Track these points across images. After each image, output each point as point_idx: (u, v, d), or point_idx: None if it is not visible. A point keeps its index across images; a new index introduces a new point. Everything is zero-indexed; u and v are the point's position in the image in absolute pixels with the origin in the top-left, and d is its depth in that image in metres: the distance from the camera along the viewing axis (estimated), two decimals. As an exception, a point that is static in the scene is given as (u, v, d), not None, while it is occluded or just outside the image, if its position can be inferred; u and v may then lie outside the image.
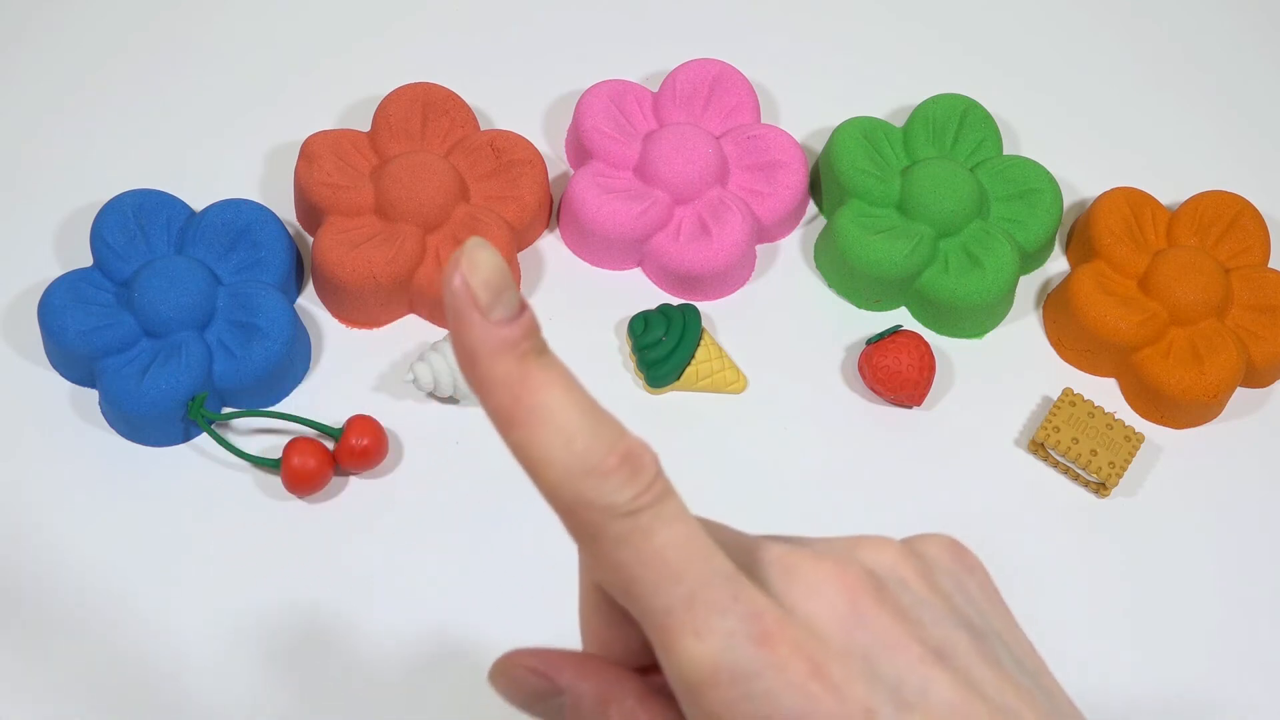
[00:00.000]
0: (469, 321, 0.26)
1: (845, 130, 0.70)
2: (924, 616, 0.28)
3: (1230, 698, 0.61)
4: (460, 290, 0.25)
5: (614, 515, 0.25)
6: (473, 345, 0.26)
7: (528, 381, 0.26)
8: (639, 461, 0.26)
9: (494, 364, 0.26)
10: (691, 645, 0.25)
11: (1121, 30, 0.80)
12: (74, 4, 0.74)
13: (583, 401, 0.26)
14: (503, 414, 0.26)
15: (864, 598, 0.27)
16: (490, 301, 0.25)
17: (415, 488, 0.62)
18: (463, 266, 0.25)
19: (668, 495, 0.26)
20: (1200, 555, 0.64)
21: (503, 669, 0.30)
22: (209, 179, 0.68)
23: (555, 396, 0.26)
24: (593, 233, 0.66)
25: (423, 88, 0.68)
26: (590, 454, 0.25)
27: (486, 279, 0.25)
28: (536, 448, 0.26)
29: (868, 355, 0.65)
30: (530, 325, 0.26)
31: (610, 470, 0.25)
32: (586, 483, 0.25)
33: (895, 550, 0.29)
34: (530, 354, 0.26)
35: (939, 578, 0.29)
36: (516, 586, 0.60)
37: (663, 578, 0.26)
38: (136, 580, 0.59)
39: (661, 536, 0.26)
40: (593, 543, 0.26)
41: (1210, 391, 0.65)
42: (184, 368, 0.60)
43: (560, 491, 0.26)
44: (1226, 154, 0.75)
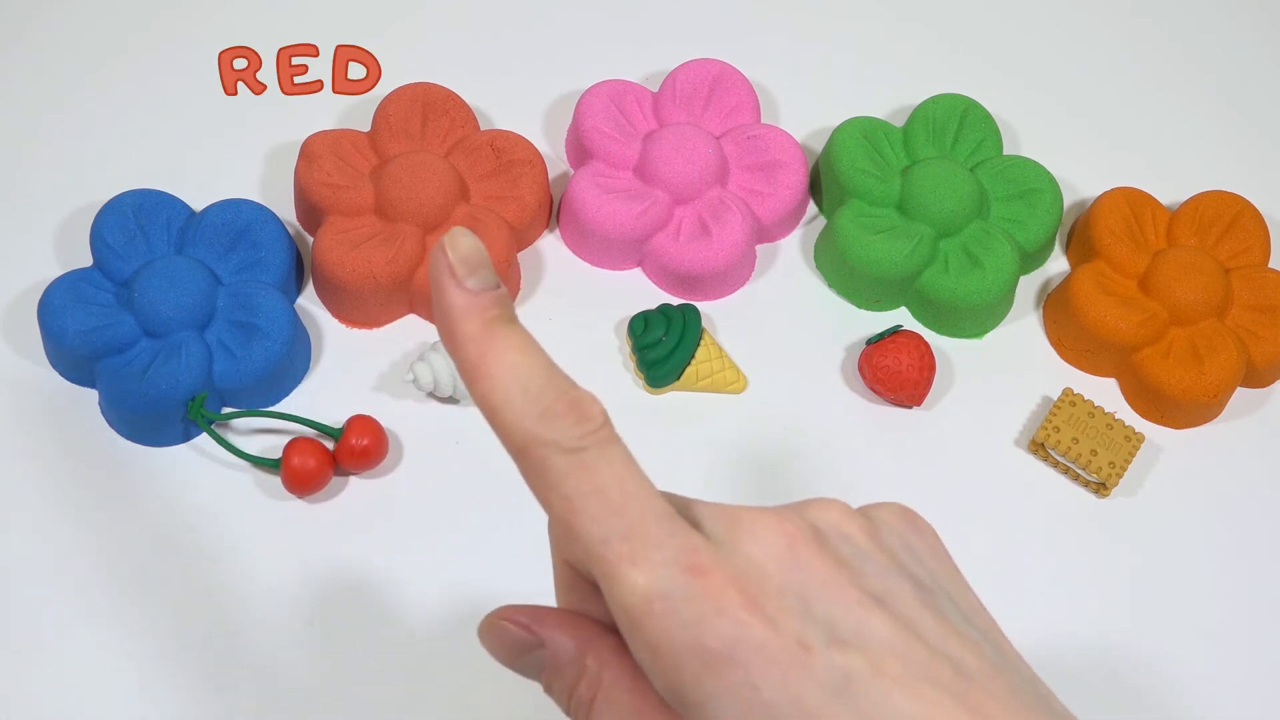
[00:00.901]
0: (445, 286, 0.29)
1: (845, 130, 0.70)
2: (865, 567, 0.28)
3: (1231, 697, 0.61)
4: (441, 261, 0.29)
5: (559, 450, 0.28)
6: (446, 305, 0.29)
7: (493, 340, 0.29)
8: (587, 408, 0.28)
9: (463, 322, 0.29)
10: (628, 573, 0.27)
11: (1121, 30, 0.80)
12: (74, 4, 0.74)
13: (541, 360, 0.29)
14: (468, 367, 0.29)
15: (803, 544, 0.28)
16: (465, 272, 0.29)
17: (415, 488, 0.62)
18: (445, 245, 0.29)
19: (613, 441, 0.29)
20: (1200, 555, 0.64)
21: (490, 623, 0.32)
22: (209, 179, 0.68)
23: (515, 352, 0.29)
24: (593, 233, 0.66)
25: (423, 88, 0.68)
26: (542, 398, 0.28)
27: (463, 255, 0.29)
28: (495, 395, 0.28)
29: (868, 355, 0.65)
30: (500, 298, 0.29)
31: (559, 413, 0.28)
32: (538, 423, 0.28)
33: (841, 508, 0.30)
34: (497, 320, 0.29)
35: (885, 535, 0.30)
36: (516, 586, 0.60)
37: (603, 511, 0.27)
38: (136, 580, 0.59)
39: (603, 473, 0.28)
40: (541, 478, 0.28)
41: (1210, 391, 0.65)
42: (184, 368, 0.60)
43: (514, 431, 0.28)
44: (1226, 154, 0.75)
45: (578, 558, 0.30)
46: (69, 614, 0.58)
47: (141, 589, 0.59)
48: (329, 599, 0.59)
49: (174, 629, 0.58)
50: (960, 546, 0.63)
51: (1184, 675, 0.61)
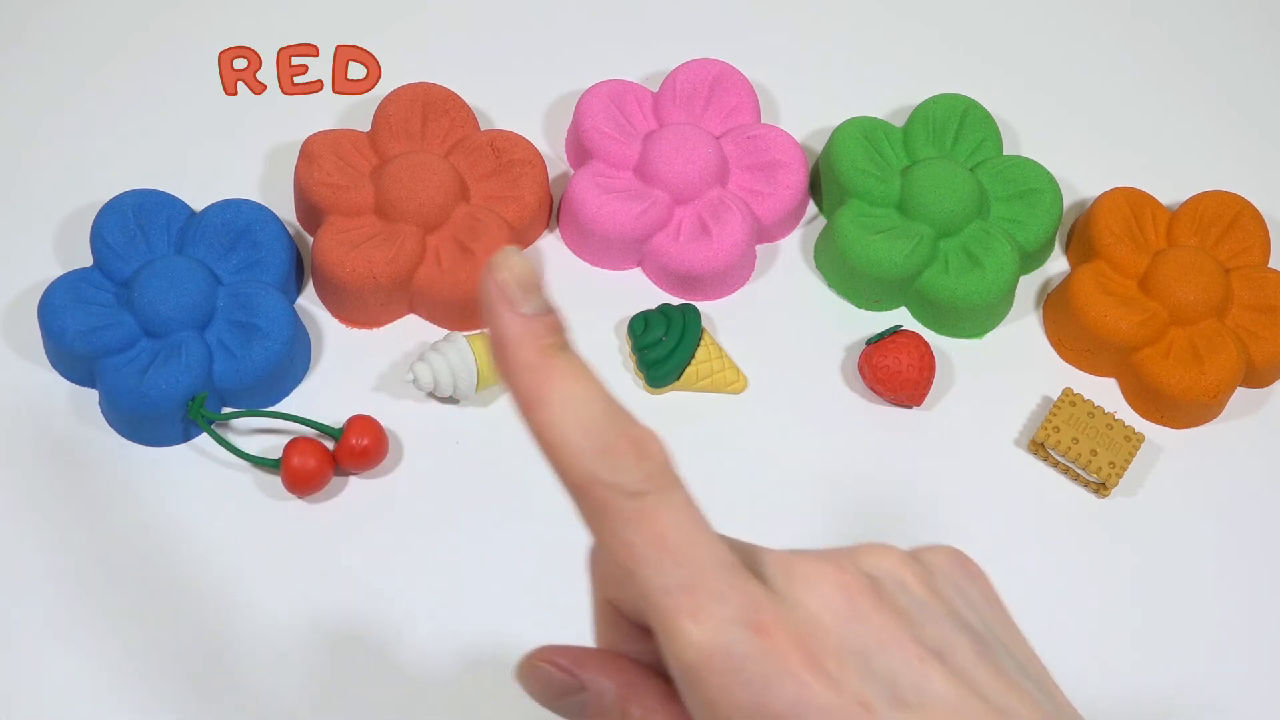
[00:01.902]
0: (499, 312, 0.28)
1: (845, 130, 0.70)
2: (923, 617, 0.28)
3: (1231, 697, 0.61)
4: (494, 286, 0.28)
5: (622, 493, 0.27)
6: (501, 333, 0.28)
7: (550, 369, 0.28)
8: (648, 447, 0.27)
9: (519, 351, 0.28)
10: (689, 629, 0.26)
11: (1121, 30, 0.80)
12: (74, 4, 0.74)
13: (599, 391, 0.28)
14: (524, 397, 0.28)
15: (861, 596, 0.27)
16: (519, 297, 0.28)
17: (415, 488, 0.62)
18: (497, 266, 0.28)
19: (675, 484, 0.27)
20: (1200, 555, 0.64)
21: (530, 664, 0.32)
22: (209, 179, 0.68)
23: (573, 384, 0.27)
24: (593, 233, 0.66)
25: (423, 88, 0.68)
26: (603, 435, 0.27)
27: (518, 277, 0.28)
28: (553, 429, 0.27)
29: (868, 355, 0.65)
30: (555, 324, 0.28)
31: (620, 451, 0.27)
32: (598, 462, 0.27)
33: (896, 556, 0.29)
34: (553, 347, 0.28)
35: (940, 583, 0.29)
36: (516, 586, 0.60)
37: (665, 559, 0.26)
38: (136, 580, 0.59)
39: (666, 519, 0.27)
40: (601, 520, 0.27)
41: (1210, 391, 0.65)
42: (184, 368, 0.60)
43: (573, 469, 0.27)
44: (1226, 154, 0.75)
45: (628, 600, 0.30)
46: (69, 614, 0.58)
47: (141, 589, 0.59)
48: (329, 599, 0.59)
49: (174, 629, 0.58)
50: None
51: (1184, 675, 0.61)
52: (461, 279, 0.63)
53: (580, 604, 0.61)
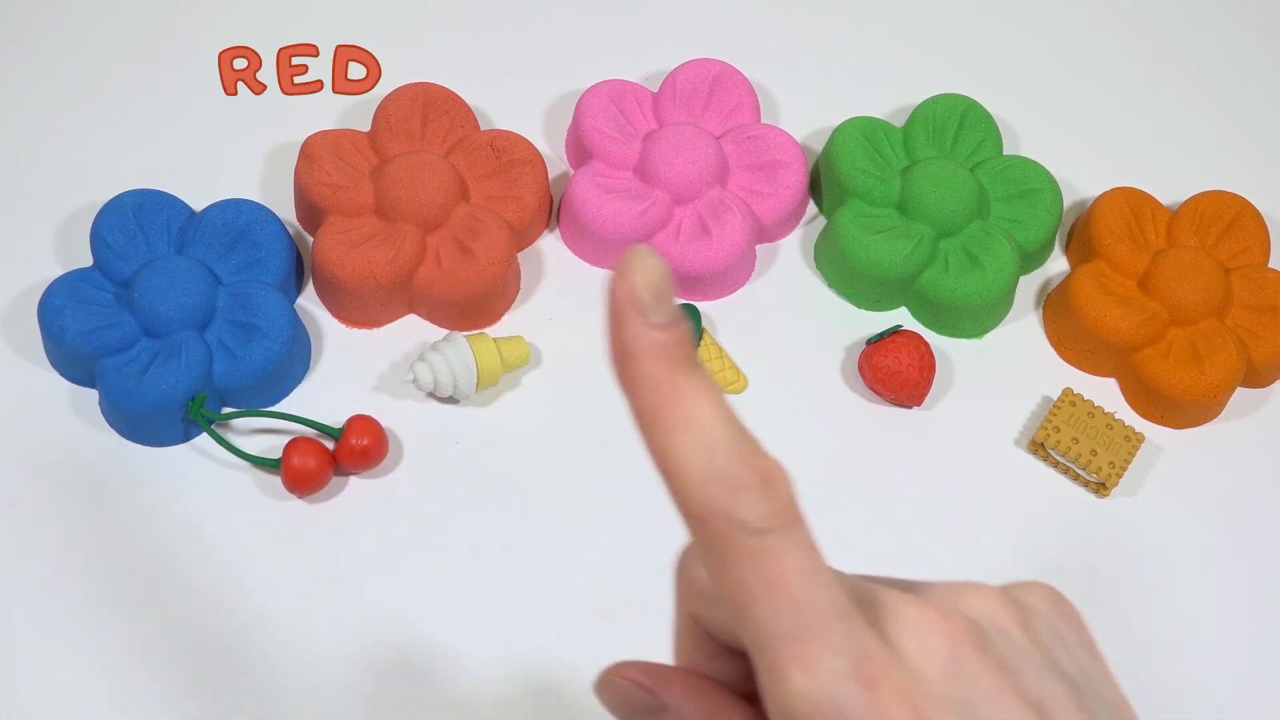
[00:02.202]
0: (627, 320, 0.26)
1: (845, 130, 0.70)
2: (1023, 667, 0.28)
3: (1231, 697, 0.61)
4: (624, 291, 0.26)
5: (745, 530, 0.26)
6: (627, 343, 0.26)
7: (677, 387, 0.26)
8: (775, 482, 0.26)
9: (646, 364, 0.26)
10: (798, 677, 0.25)
11: (1121, 30, 0.80)
12: (74, 4, 0.74)
13: (727, 416, 0.26)
14: (648, 415, 0.26)
15: (965, 646, 0.27)
16: (651, 304, 0.26)
17: (415, 488, 0.62)
18: (628, 269, 0.26)
19: (799, 523, 0.26)
20: (1200, 555, 0.64)
21: (609, 680, 0.30)
22: (209, 179, 0.68)
23: (701, 405, 0.26)
24: (593, 233, 0.66)
25: (423, 88, 0.68)
26: (730, 466, 0.26)
27: (650, 283, 0.26)
28: (677, 452, 0.26)
29: (868, 355, 0.65)
30: (685, 336, 0.26)
31: (747, 484, 0.26)
32: (722, 493, 0.25)
33: (995, 598, 0.29)
34: (681, 362, 0.26)
35: (1038, 627, 0.29)
36: (516, 586, 0.60)
37: (781, 603, 0.26)
38: (135, 580, 0.59)
39: (787, 561, 0.26)
40: (719, 555, 0.26)
41: (1210, 391, 0.65)
42: (184, 368, 0.60)
43: (695, 498, 0.26)
44: (1226, 154, 0.75)
45: (719, 619, 0.29)
46: (69, 614, 0.58)
47: (141, 589, 0.59)
48: (329, 599, 0.59)
49: (174, 629, 0.58)
50: (960, 546, 0.63)
51: (1184, 675, 0.61)
52: (461, 279, 0.63)
53: (577, 605, 0.61)
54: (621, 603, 0.60)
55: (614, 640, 0.60)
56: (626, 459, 0.65)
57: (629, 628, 0.60)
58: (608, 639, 0.59)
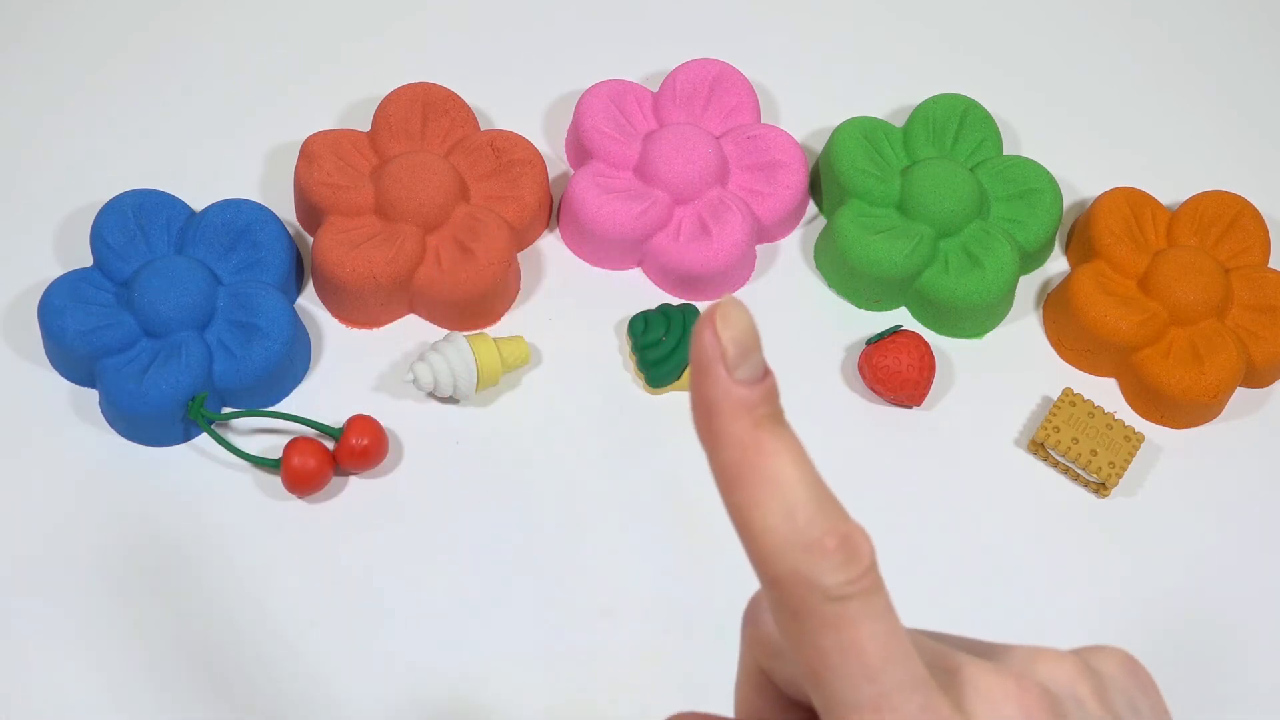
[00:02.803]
0: (713, 375, 0.26)
1: (845, 130, 0.70)
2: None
3: (1231, 697, 0.61)
4: (710, 343, 0.26)
5: (824, 597, 0.25)
6: (713, 399, 0.26)
7: (760, 445, 0.26)
8: (857, 547, 0.25)
9: (730, 421, 0.26)
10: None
11: (1121, 30, 0.80)
12: (74, 4, 0.74)
13: (811, 477, 0.26)
14: (729, 472, 0.26)
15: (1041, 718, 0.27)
16: (737, 359, 0.26)
17: (415, 488, 0.62)
18: (716, 320, 0.26)
19: (879, 589, 0.26)
20: (1200, 555, 0.64)
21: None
22: (209, 179, 0.68)
23: (785, 465, 0.26)
24: (593, 233, 0.66)
25: (423, 88, 0.68)
26: (811, 529, 0.25)
27: (737, 337, 0.26)
28: (758, 512, 0.25)
29: (868, 355, 0.65)
30: (771, 392, 0.26)
31: (829, 550, 0.25)
32: (803, 557, 0.25)
33: (1072, 667, 0.29)
34: (767, 419, 0.26)
35: (1114, 697, 0.29)
36: (516, 586, 0.60)
37: (858, 672, 0.25)
38: (136, 580, 0.59)
39: (866, 629, 0.25)
40: (795, 620, 0.26)
41: (1210, 391, 0.65)
42: (184, 368, 0.60)
43: (774, 561, 0.25)
44: (1226, 154, 0.75)
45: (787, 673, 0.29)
46: (69, 614, 0.58)
47: (141, 589, 0.59)
48: (329, 599, 0.59)
49: (174, 629, 0.58)
50: (960, 546, 0.63)
51: (1183, 675, 0.61)
52: (461, 279, 0.63)
53: (577, 605, 0.61)
54: (621, 602, 0.60)
55: (614, 640, 0.60)
56: (627, 459, 0.65)
57: (629, 628, 0.60)
58: (608, 639, 0.59)
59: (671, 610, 0.60)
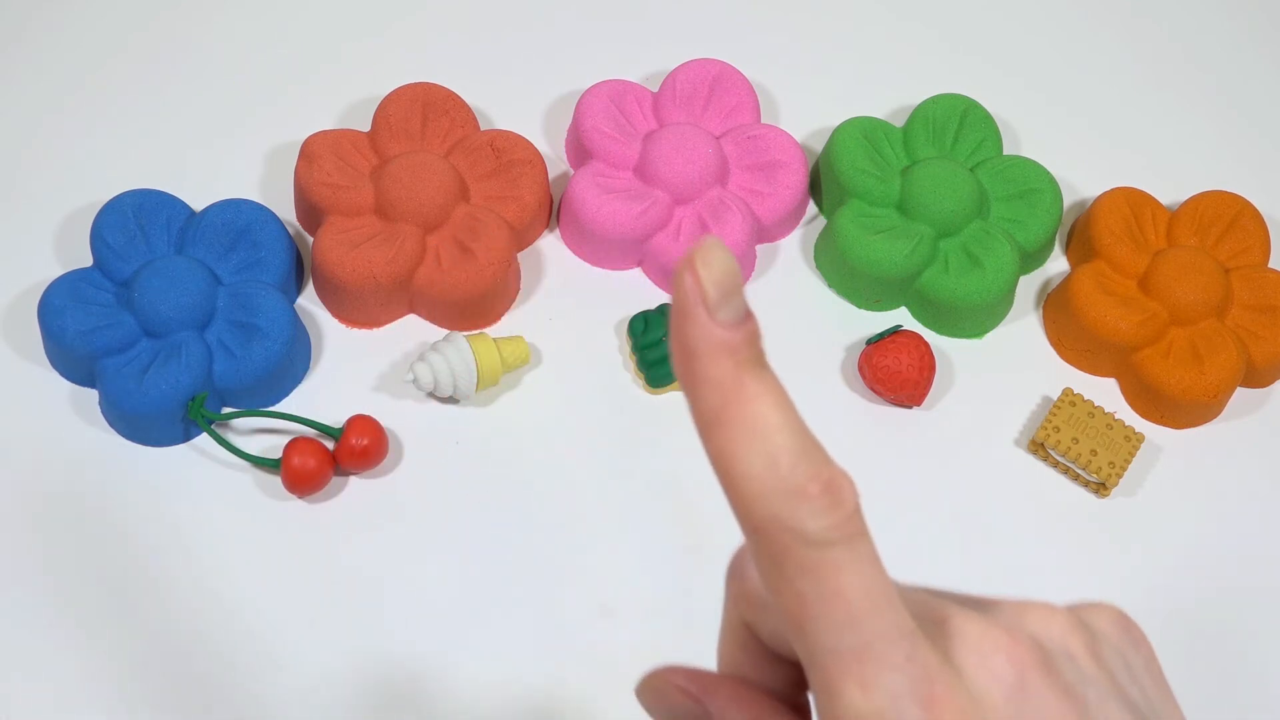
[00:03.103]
0: (693, 317, 0.25)
1: (845, 130, 0.70)
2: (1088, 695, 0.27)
3: (1231, 697, 0.61)
4: (690, 286, 0.25)
5: (806, 542, 0.24)
6: (692, 341, 0.25)
7: (742, 388, 0.25)
8: (840, 493, 0.25)
9: (711, 364, 0.25)
10: (855, 696, 0.25)
11: (1121, 30, 0.80)
12: (74, 4, 0.74)
13: (794, 421, 0.25)
14: (709, 416, 0.25)
15: (1031, 671, 0.26)
16: (718, 300, 0.25)
17: (415, 488, 0.62)
18: (696, 262, 0.25)
19: (862, 535, 0.25)
20: (1200, 555, 0.64)
21: (653, 685, 0.30)
22: (209, 179, 0.68)
23: (767, 409, 0.25)
24: (593, 233, 0.66)
25: (423, 88, 0.68)
26: (794, 474, 0.24)
27: (718, 279, 0.25)
28: (739, 458, 0.25)
29: (868, 355, 0.65)
30: (753, 334, 0.25)
31: (811, 495, 0.24)
32: (784, 503, 0.24)
33: (1064, 621, 0.28)
34: (749, 362, 0.25)
35: (1106, 653, 0.29)
36: (516, 585, 0.60)
37: (841, 618, 0.25)
38: (136, 580, 0.59)
39: (848, 575, 0.25)
40: (777, 567, 0.25)
41: (1210, 391, 0.65)
42: (184, 368, 0.60)
43: (755, 507, 0.25)
44: (1226, 154, 0.75)
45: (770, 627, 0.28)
46: (68, 614, 0.58)
47: (141, 589, 0.59)
48: (329, 599, 0.59)
49: (174, 629, 0.58)
50: (960, 546, 0.63)
51: (1183, 675, 0.61)
52: (461, 279, 0.63)
53: (577, 605, 0.61)
54: (621, 602, 0.60)
55: (614, 640, 0.60)
56: (627, 459, 0.65)
57: (629, 627, 0.60)
58: (608, 639, 0.59)
59: (671, 610, 0.60)
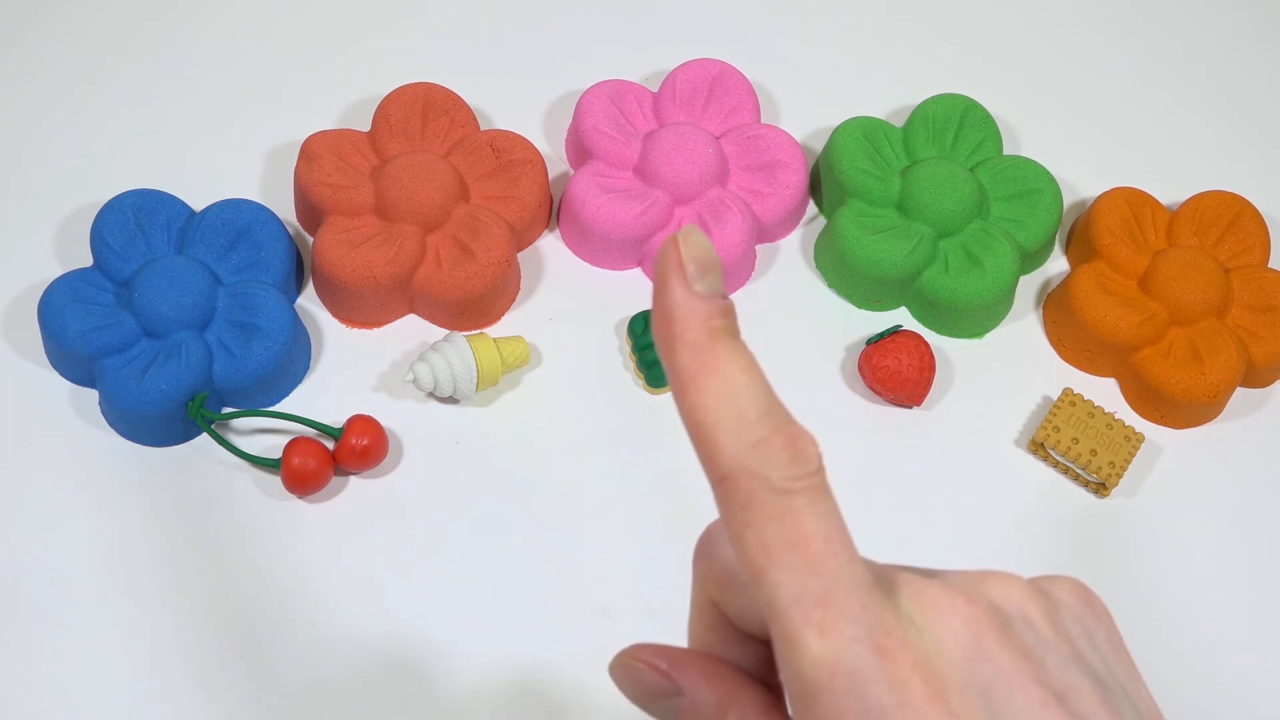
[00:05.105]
0: (671, 285, 0.27)
1: (845, 130, 0.70)
2: (1047, 658, 0.27)
3: (1230, 697, 0.61)
4: (672, 258, 0.27)
5: (769, 487, 0.26)
6: (671, 306, 0.27)
7: (715, 352, 0.27)
8: (804, 448, 0.26)
9: (687, 328, 0.27)
10: (814, 642, 0.25)
11: (1121, 30, 0.80)
12: (74, 4, 0.74)
13: (761, 383, 0.27)
14: (682, 376, 0.27)
15: (989, 633, 0.27)
16: (697, 274, 0.27)
17: (415, 488, 0.62)
18: (678, 240, 0.27)
19: (825, 490, 0.27)
20: (1200, 555, 0.64)
21: (624, 662, 0.31)
22: (209, 179, 0.68)
23: (736, 371, 0.27)
24: (593, 233, 0.66)
25: (423, 88, 0.68)
26: (759, 427, 0.26)
27: (696, 255, 0.27)
28: (709, 410, 0.26)
29: (868, 355, 0.65)
30: (729, 310, 0.27)
31: (775, 446, 0.26)
32: (750, 453, 0.26)
33: (1022, 588, 0.29)
34: (722, 332, 0.27)
35: (1065, 620, 0.29)
36: (516, 585, 0.60)
37: (801, 565, 0.26)
38: (136, 580, 0.59)
39: (810, 523, 0.26)
40: (741, 512, 0.26)
41: (1210, 391, 0.65)
42: (184, 368, 0.60)
43: (721, 455, 0.26)
44: (1226, 154, 0.75)
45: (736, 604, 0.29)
46: (69, 614, 0.58)
47: (141, 589, 0.59)
48: (329, 599, 0.59)
49: (174, 629, 0.58)
50: (960, 546, 0.63)
51: (1183, 675, 0.61)
52: (461, 279, 0.63)
53: (577, 605, 0.61)
54: (621, 602, 0.60)
55: (614, 640, 0.60)
56: (627, 459, 0.65)
57: (629, 627, 0.60)
58: (608, 638, 0.59)
59: (671, 610, 0.60)
